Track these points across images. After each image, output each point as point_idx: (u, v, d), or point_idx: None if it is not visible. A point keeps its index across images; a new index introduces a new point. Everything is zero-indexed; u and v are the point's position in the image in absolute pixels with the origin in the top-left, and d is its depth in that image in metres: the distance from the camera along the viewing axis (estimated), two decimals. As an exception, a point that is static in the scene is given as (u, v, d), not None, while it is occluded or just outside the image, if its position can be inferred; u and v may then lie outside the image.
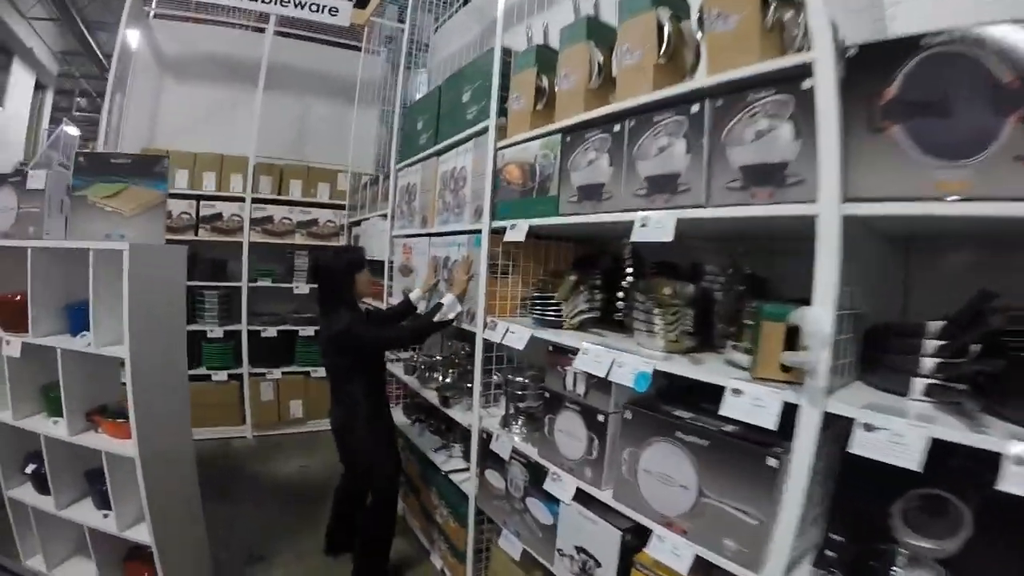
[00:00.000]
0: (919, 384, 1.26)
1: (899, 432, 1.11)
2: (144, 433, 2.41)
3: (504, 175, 2.29)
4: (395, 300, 3.55)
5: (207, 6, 5.56)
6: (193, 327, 4.89)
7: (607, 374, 1.67)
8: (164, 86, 5.45)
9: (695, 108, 1.52)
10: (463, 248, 2.58)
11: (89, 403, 2.63)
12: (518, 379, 2.28)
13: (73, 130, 15.07)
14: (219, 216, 5.03)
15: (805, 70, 1.27)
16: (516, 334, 2.13)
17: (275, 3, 4.98)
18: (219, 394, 5.10)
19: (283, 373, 5.26)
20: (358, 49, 5.76)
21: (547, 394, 2.02)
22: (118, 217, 2.67)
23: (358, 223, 4.97)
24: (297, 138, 5.81)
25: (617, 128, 1.76)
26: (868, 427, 1.15)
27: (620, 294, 2.01)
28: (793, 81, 1.31)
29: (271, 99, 5.19)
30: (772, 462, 1.35)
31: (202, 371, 5.03)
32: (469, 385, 2.88)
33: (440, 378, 3.24)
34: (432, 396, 2.96)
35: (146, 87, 5.36)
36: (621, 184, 1.74)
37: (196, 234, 4.98)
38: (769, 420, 1.29)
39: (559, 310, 2.13)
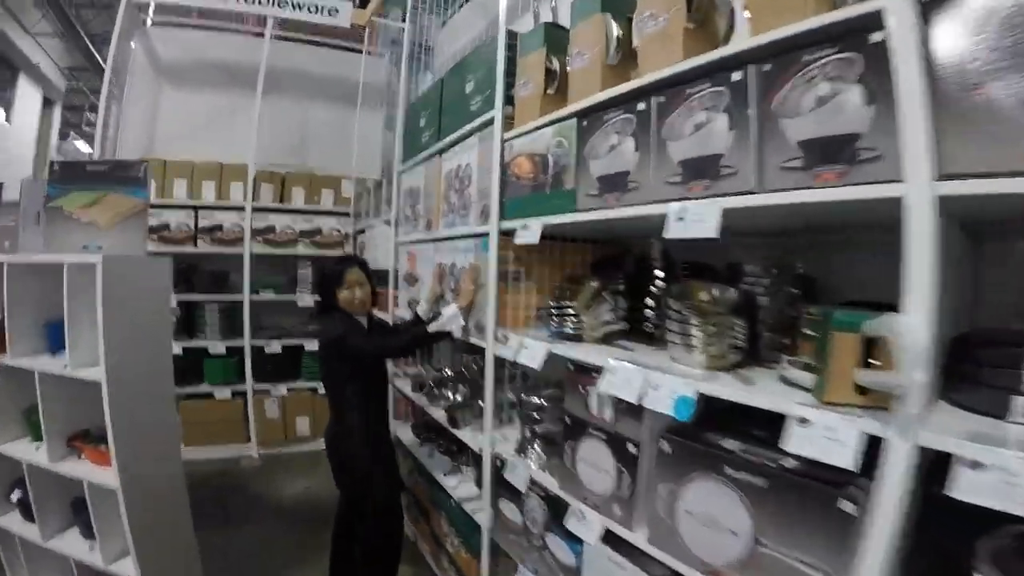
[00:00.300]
0: (1022, 404, 1.00)
1: (1016, 472, 0.85)
2: (126, 461, 2.23)
3: (513, 169, 2.04)
4: (402, 312, 3.33)
5: (205, 12, 5.41)
6: (194, 343, 4.82)
7: (639, 399, 1.41)
8: (162, 94, 5.31)
9: (737, 76, 1.27)
10: (470, 254, 2.34)
11: (72, 426, 2.46)
12: (534, 399, 2.02)
13: (83, 145, 15.12)
14: (219, 227, 4.83)
15: (872, 21, 1.02)
16: (531, 350, 1.87)
17: (273, 4, 4.81)
18: (222, 412, 4.92)
19: (288, 389, 5.05)
20: (361, 52, 5.54)
21: (568, 418, 1.77)
22: (96, 228, 2.46)
23: (363, 231, 4.75)
24: (299, 144, 5.64)
25: (642, 106, 1.51)
26: (975, 465, 0.89)
27: (649, 301, 1.76)
28: (858, 35, 1.06)
29: (272, 105, 5.07)
30: (847, 506, 1.09)
31: (204, 388, 4.88)
32: (481, 403, 2.64)
33: (450, 395, 2.99)
34: (440, 415, 2.71)
35: (144, 96, 5.21)
36: (649, 171, 1.48)
37: (195, 245, 4.80)
38: (846, 457, 1.02)
39: (579, 321, 1.88)
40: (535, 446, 2.04)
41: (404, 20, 4.28)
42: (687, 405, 1.32)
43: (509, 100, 2.16)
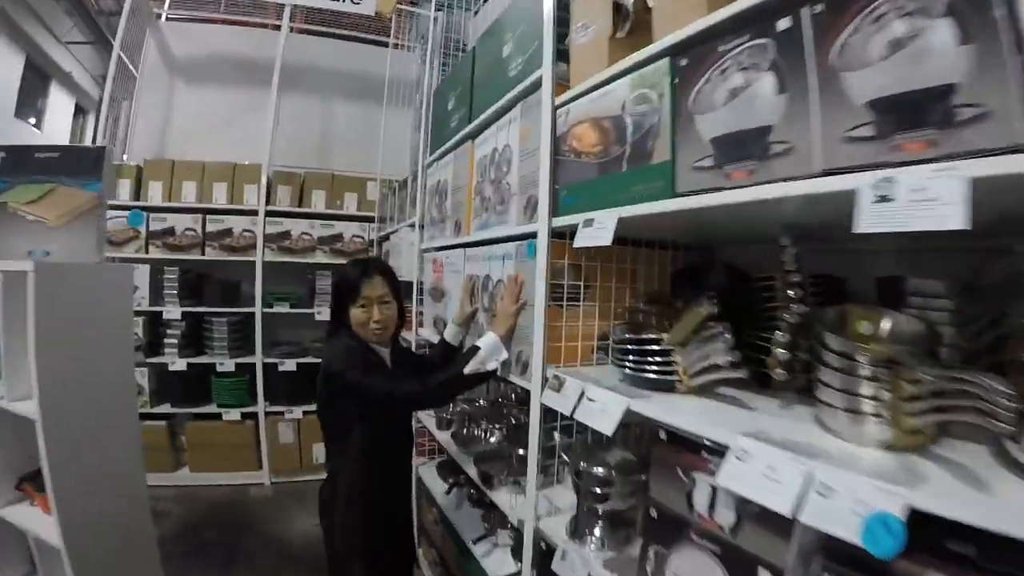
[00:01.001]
0: None
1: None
2: (71, 514, 1.86)
3: (571, 143, 1.47)
4: (427, 333, 2.78)
5: (220, 4, 5.06)
6: (202, 359, 4.42)
7: (795, 510, 0.82)
8: (175, 92, 5.05)
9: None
10: (509, 262, 1.78)
11: (25, 466, 2.08)
12: (597, 471, 1.43)
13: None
14: (228, 232, 4.39)
15: None
16: (600, 405, 1.28)
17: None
18: (232, 435, 4.51)
19: (304, 412, 4.54)
20: (387, 45, 5.08)
21: (655, 511, 1.18)
22: (44, 227, 1.99)
23: (387, 237, 4.23)
24: (321, 144, 5.31)
25: (785, 24, 0.93)
26: None
27: (780, 336, 1.17)
28: None
29: (292, 103, 4.85)
30: None
31: (212, 409, 4.48)
32: (523, 451, 2.07)
33: (483, 435, 2.44)
34: (471, 469, 2.14)
35: (155, 94, 4.95)
36: (808, 123, 0.89)
37: (203, 253, 4.40)
38: None
39: (669, 362, 1.30)
40: (596, 531, 1.46)
41: (439, 7, 3.76)
42: (889, 530, 0.73)
43: (561, 56, 1.59)
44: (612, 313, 1.68)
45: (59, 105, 12.27)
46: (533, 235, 1.59)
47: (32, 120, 10.37)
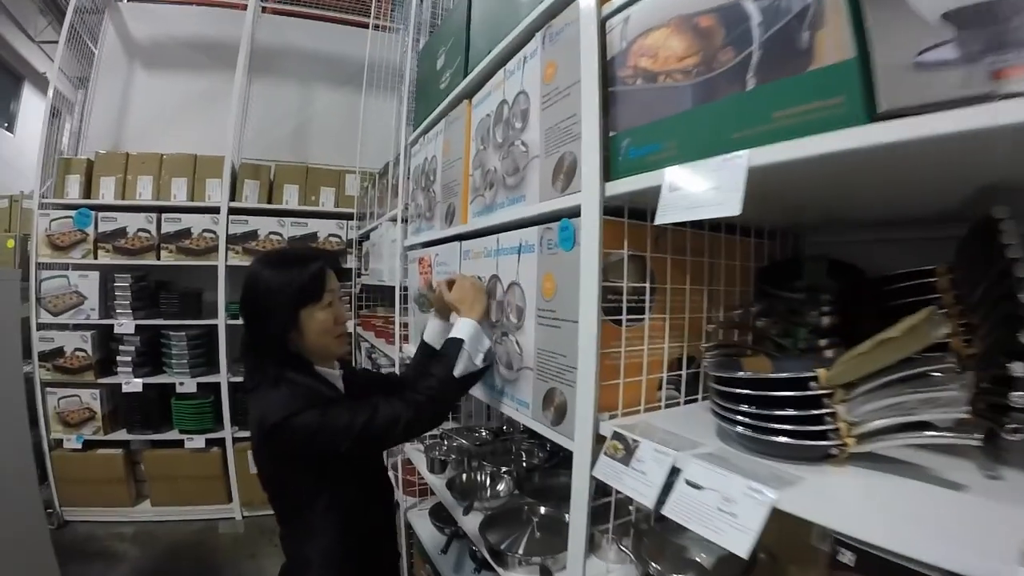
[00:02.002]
0: None
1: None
2: None
3: (635, 64, 0.93)
4: (414, 350, 2.24)
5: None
6: (160, 379, 3.88)
7: None
8: (134, 79, 4.53)
9: None
10: (529, 256, 1.23)
11: None
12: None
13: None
14: (186, 233, 3.83)
15: None
16: (714, 497, 0.74)
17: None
18: (196, 465, 3.97)
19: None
20: (367, 27, 4.58)
21: None
22: None
23: (368, 235, 3.67)
24: (295, 134, 4.80)
25: None
26: None
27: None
28: None
29: (263, 89, 4.47)
30: None
31: (173, 435, 3.95)
32: (545, 509, 1.55)
33: (489, 482, 1.91)
34: (473, 532, 1.59)
35: (113, 82, 4.45)
36: None
37: (158, 257, 3.84)
38: None
39: (821, 416, 0.77)
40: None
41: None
42: None
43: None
44: (687, 330, 1.14)
45: (33, 107, 11.77)
46: (573, 213, 1.04)
47: (5, 124, 9.91)
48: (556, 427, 1.10)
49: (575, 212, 1.03)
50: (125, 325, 3.72)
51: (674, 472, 0.81)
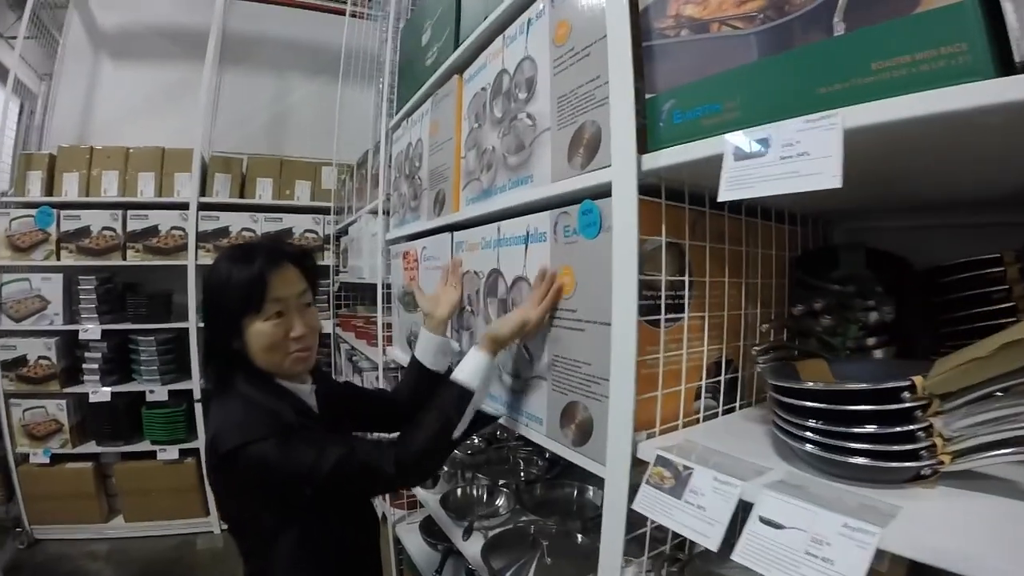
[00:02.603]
0: None
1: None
2: None
3: (676, 12, 0.76)
4: (398, 353, 2.07)
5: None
6: (129, 387, 3.65)
7: None
8: (100, 70, 4.25)
9: None
10: (539, 247, 1.06)
11: None
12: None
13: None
14: (154, 231, 3.60)
15: None
16: (801, 538, 0.59)
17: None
18: (170, 477, 3.71)
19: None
20: (344, 14, 4.38)
21: None
22: None
23: (346, 230, 3.47)
24: (269, 126, 4.55)
25: None
26: None
27: None
28: None
29: (235, 79, 4.33)
30: None
31: (145, 446, 3.69)
32: (555, 530, 1.40)
33: (486, 496, 1.75)
34: (477, 560, 1.42)
35: (78, 72, 4.17)
36: None
37: (124, 257, 3.59)
38: None
39: (912, 432, 0.64)
40: None
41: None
42: None
43: None
44: (725, 330, 0.97)
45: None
46: (598, 193, 0.87)
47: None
48: (579, 448, 0.93)
49: (601, 192, 0.86)
50: (91, 330, 3.47)
51: (748, 511, 0.65)
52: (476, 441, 2.15)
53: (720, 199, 0.67)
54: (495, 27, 1.28)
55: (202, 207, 3.66)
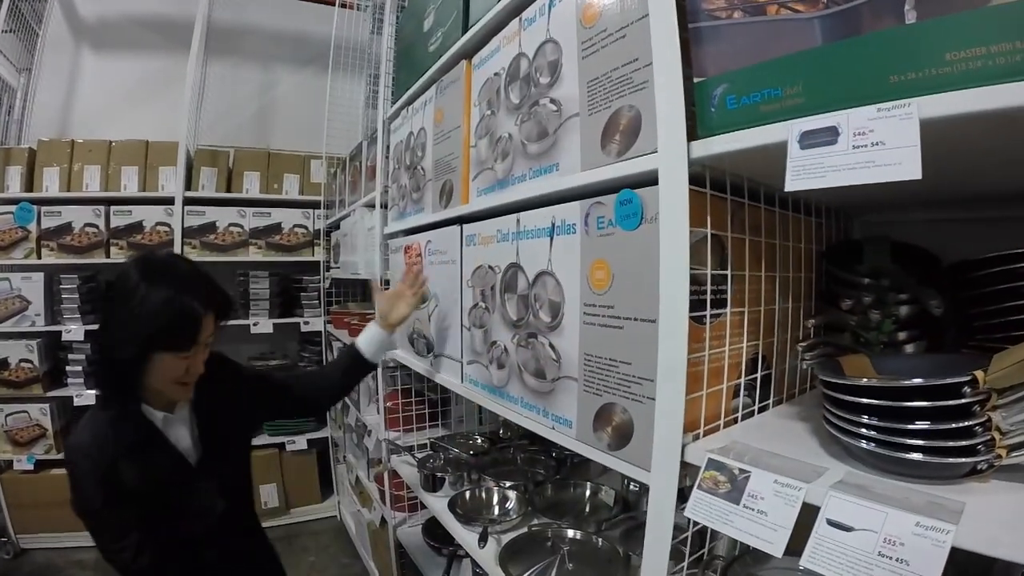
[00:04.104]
0: None
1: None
2: None
3: None
4: (401, 353, 2.02)
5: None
6: None
7: None
8: (81, 61, 4.11)
9: None
10: (566, 239, 1.01)
11: None
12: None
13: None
14: (138, 227, 3.49)
15: None
16: (872, 540, 0.56)
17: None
18: (159, 479, 3.55)
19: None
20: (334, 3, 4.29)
21: None
22: None
23: (338, 225, 3.39)
24: (256, 118, 4.44)
25: None
26: None
27: None
28: None
29: (221, 70, 4.20)
30: None
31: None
32: (573, 534, 1.36)
33: (495, 500, 1.69)
34: (493, 567, 1.36)
35: (59, 64, 4.02)
36: None
37: (107, 255, 3.49)
38: None
39: (970, 427, 0.63)
40: None
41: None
42: None
43: None
44: (762, 325, 0.93)
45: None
46: (638, 182, 0.82)
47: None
48: (616, 452, 0.88)
49: (642, 181, 0.81)
50: (74, 331, 3.35)
51: (816, 514, 0.62)
52: (479, 440, 2.10)
53: (787, 189, 0.62)
54: (509, 9, 1.22)
55: (188, 202, 3.56)
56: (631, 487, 1.53)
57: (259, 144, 4.16)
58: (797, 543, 0.63)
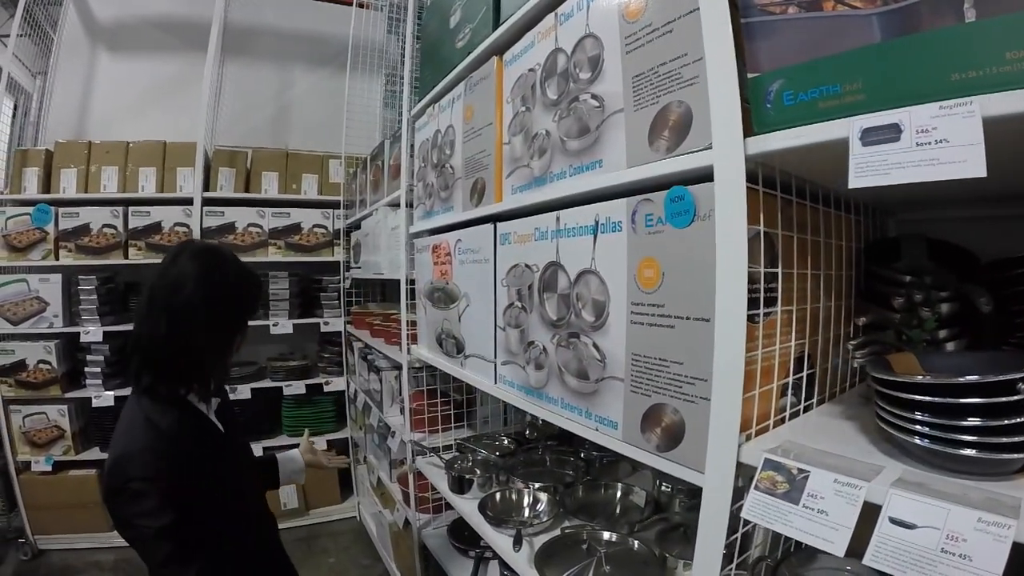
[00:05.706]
0: None
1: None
2: None
3: None
4: (424, 351, 2.01)
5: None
6: (129, 391, 3.44)
7: None
8: (97, 63, 4.13)
9: None
10: (611, 237, 1.00)
11: None
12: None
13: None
14: (156, 227, 3.51)
15: None
16: (948, 540, 0.57)
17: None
18: (176, 481, 3.56)
19: (264, 449, 3.64)
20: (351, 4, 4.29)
21: None
22: None
23: (358, 225, 3.39)
24: (274, 119, 4.47)
25: None
26: None
27: None
28: None
29: (239, 71, 4.24)
30: None
31: (150, 450, 3.51)
32: (609, 536, 1.35)
33: (527, 501, 1.68)
34: (530, 572, 1.34)
35: (75, 66, 4.04)
36: None
37: (126, 256, 3.50)
38: None
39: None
40: None
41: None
42: None
43: None
44: (808, 323, 0.93)
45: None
46: (689, 178, 0.81)
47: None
48: (666, 454, 0.87)
49: (693, 177, 0.80)
50: (92, 332, 3.37)
51: (877, 514, 0.62)
52: (505, 441, 2.09)
53: (850, 186, 0.62)
54: (544, 5, 1.22)
55: (206, 202, 3.57)
56: (663, 488, 1.51)
57: (277, 144, 4.16)
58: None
